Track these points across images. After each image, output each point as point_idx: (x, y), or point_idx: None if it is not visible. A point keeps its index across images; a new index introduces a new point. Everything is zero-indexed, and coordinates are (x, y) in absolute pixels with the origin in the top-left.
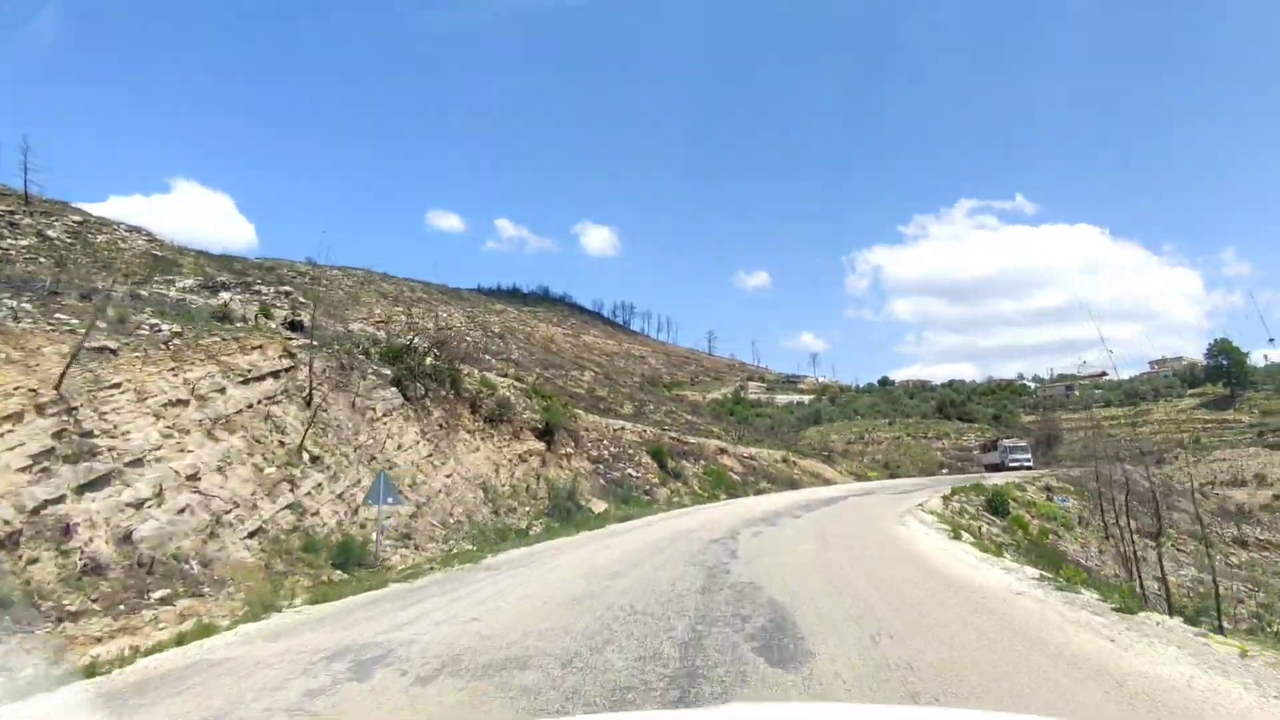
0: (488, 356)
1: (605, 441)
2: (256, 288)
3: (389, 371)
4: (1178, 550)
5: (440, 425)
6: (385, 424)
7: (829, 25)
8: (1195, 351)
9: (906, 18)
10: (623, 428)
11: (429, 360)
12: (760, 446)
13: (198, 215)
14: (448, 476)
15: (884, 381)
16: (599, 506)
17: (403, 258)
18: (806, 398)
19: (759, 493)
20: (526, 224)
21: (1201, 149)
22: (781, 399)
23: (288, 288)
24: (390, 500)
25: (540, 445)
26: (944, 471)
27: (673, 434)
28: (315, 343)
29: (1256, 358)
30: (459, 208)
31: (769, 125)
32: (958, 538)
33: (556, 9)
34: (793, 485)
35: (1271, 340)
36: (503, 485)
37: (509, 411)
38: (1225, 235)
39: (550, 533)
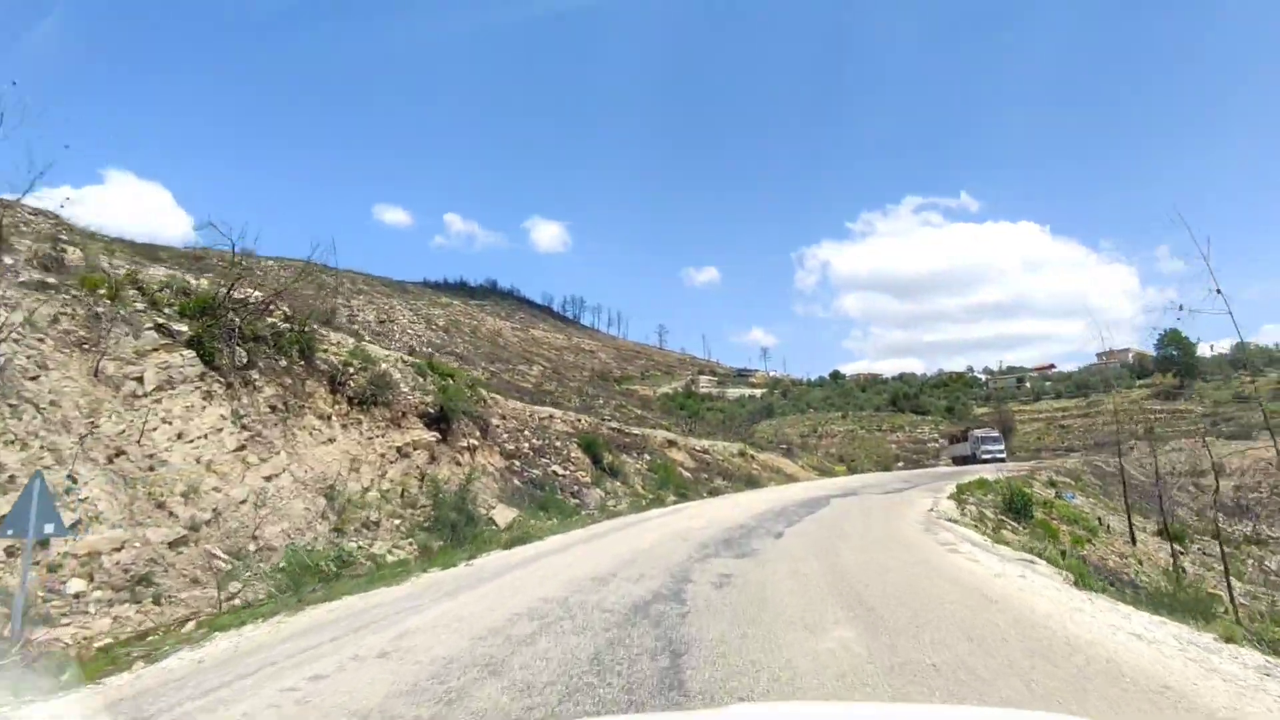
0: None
1: (526, 432)
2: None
3: (184, 329)
4: (1204, 554)
5: (272, 407)
6: (161, 402)
7: (781, 24)
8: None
9: (859, 18)
10: (550, 416)
11: (268, 320)
12: (714, 439)
13: (133, 207)
14: (268, 479)
15: (835, 375)
16: (505, 516)
17: (349, 252)
18: (758, 391)
19: (714, 492)
20: (476, 219)
21: (1137, 149)
22: (733, 393)
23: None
24: (49, 528)
25: (430, 436)
26: (900, 465)
27: (613, 424)
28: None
29: (1202, 349)
30: (407, 202)
31: (719, 122)
32: (1044, 566)
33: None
34: (752, 483)
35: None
36: (363, 490)
37: (388, 391)
38: (1159, 233)
39: (415, 564)
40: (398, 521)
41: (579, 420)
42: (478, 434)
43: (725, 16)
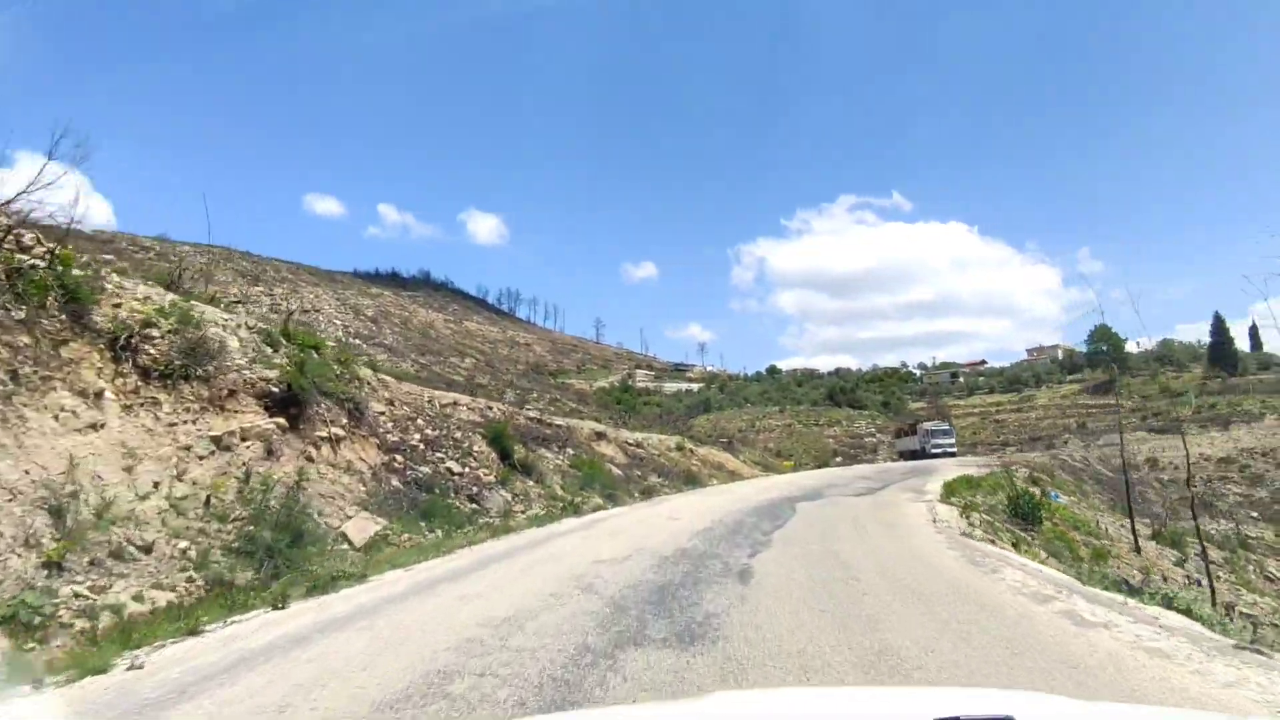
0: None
1: (419, 420)
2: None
3: None
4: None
5: None
6: None
7: (720, 22)
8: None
9: (797, 16)
10: (454, 403)
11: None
12: (650, 432)
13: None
14: None
15: (772, 370)
16: (363, 529)
17: (279, 241)
18: (695, 386)
19: (648, 493)
20: (411, 210)
21: (1062, 153)
22: (670, 387)
23: (109, 255)
24: None
25: (270, 423)
26: (838, 460)
27: (531, 413)
28: None
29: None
30: (339, 192)
31: (658, 119)
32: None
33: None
34: (692, 480)
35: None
36: (138, 498)
37: (209, 362)
38: (1081, 235)
39: (186, 615)
40: (185, 544)
41: (490, 409)
42: (346, 421)
43: (664, 14)
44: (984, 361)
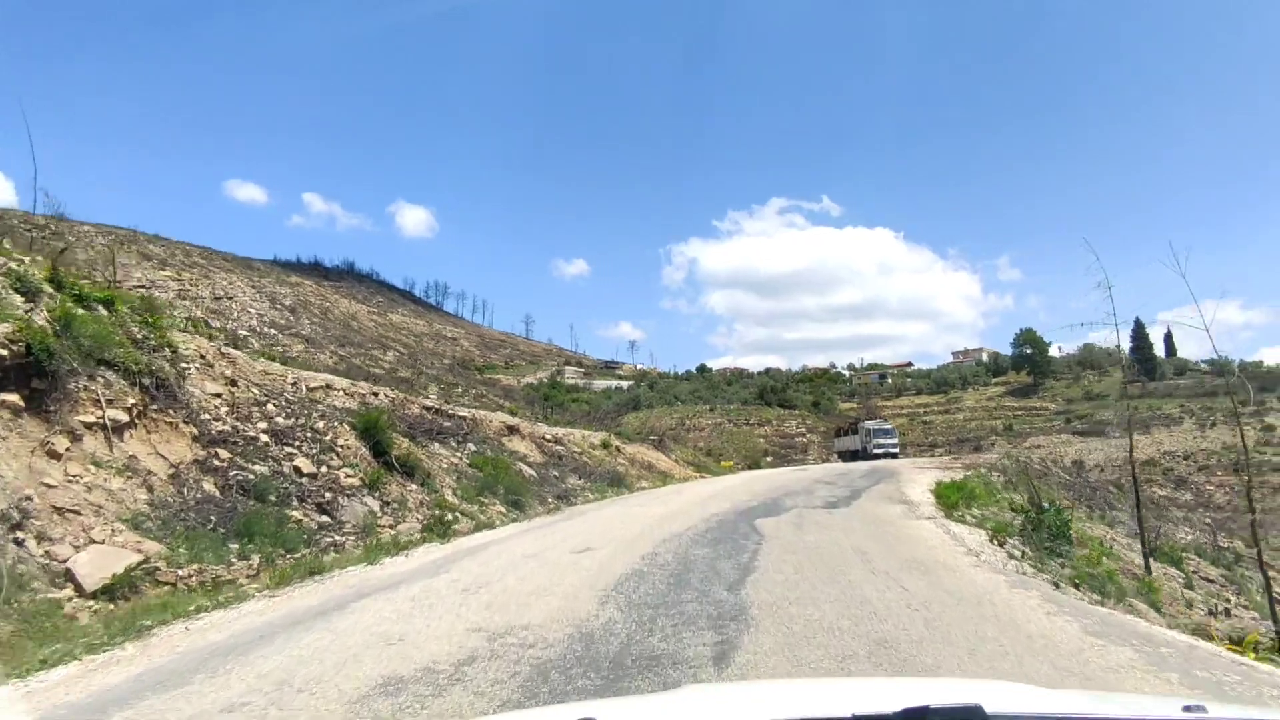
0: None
1: (270, 406)
2: None
3: None
4: (1202, 578)
5: None
6: None
7: (656, 21)
8: (982, 346)
9: (732, 20)
10: (327, 385)
11: None
12: (573, 427)
13: None
14: None
15: (702, 369)
16: (107, 565)
17: (198, 227)
18: (625, 383)
19: (565, 498)
20: (338, 200)
21: (984, 163)
22: (600, 384)
23: None
24: None
25: None
26: (769, 460)
27: (429, 400)
28: None
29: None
30: (261, 178)
31: (591, 117)
32: None
33: None
34: (618, 483)
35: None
36: None
37: None
38: (1000, 243)
39: None
40: None
41: (376, 394)
42: (137, 403)
43: (600, 11)
44: (910, 364)
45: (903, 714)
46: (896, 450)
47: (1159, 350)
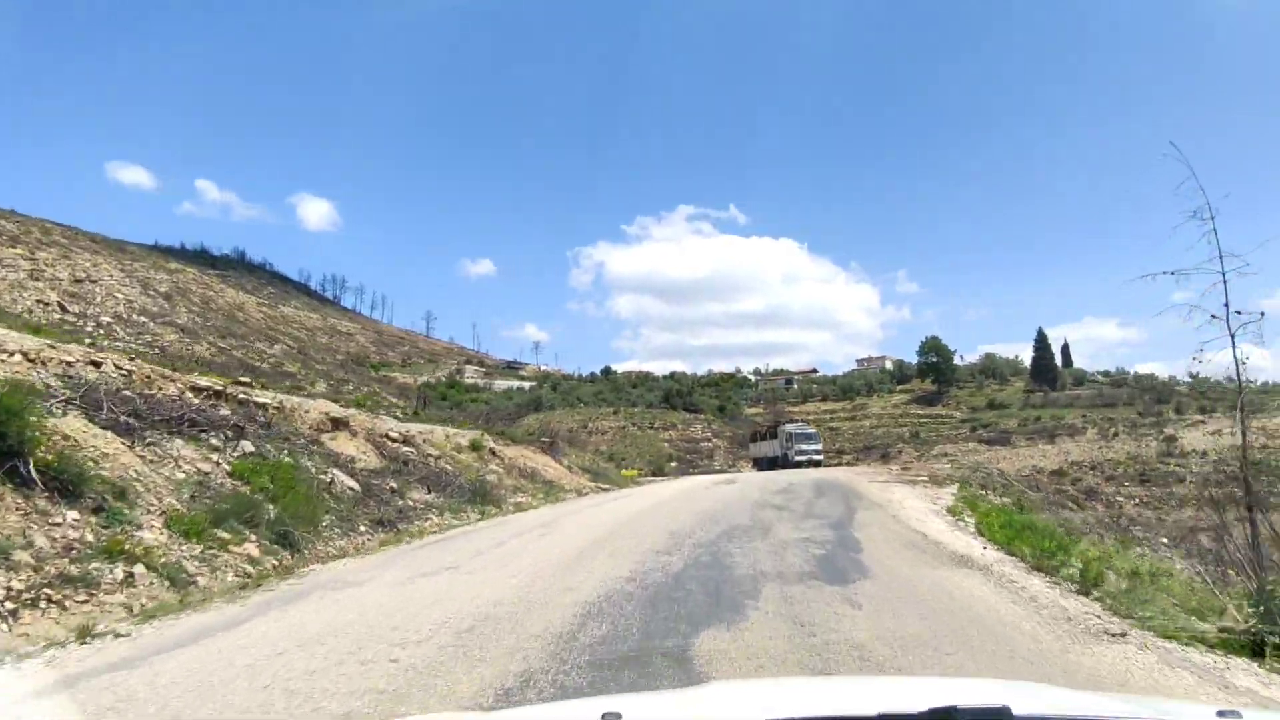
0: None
1: None
2: None
3: None
4: None
5: None
6: None
7: (568, 23)
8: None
9: (643, 28)
10: None
11: None
12: (437, 423)
13: None
14: None
15: (607, 371)
16: None
17: (75, 210)
18: (528, 384)
19: (391, 526)
20: (234, 189)
21: (883, 181)
22: (501, 384)
23: None
24: None
25: None
26: (673, 465)
27: (202, 380)
28: None
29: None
30: (148, 162)
31: (500, 117)
32: None
33: None
34: (483, 497)
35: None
36: None
37: None
38: (899, 258)
39: None
40: None
41: (92, 361)
42: None
43: (508, 13)
44: (815, 370)
45: (929, 714)
46: (820, 457)
47: (1056, 361)
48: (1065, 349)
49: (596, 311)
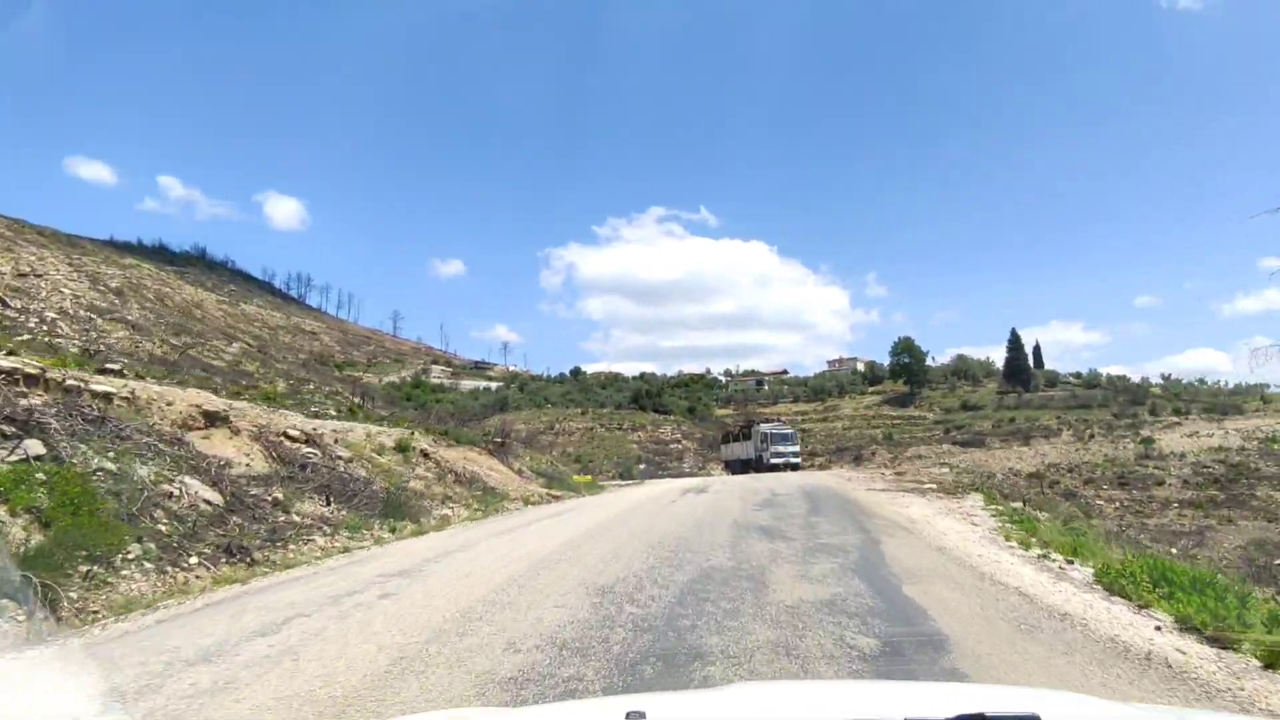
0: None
1: None
2: None
3: None
4: None
5: None
6: None
7: (538, 23)
8: (857, 356)
9: (613, 28)
10: None
11: None
12: (383, 423)
13: None
14: None
15: (575, 372)
16: None
17: (32, 206)
18: (494, 384)
19: (264, 547)
20: (199, 185)
21: (853, 184)
22: (467, 385)
23: None
24: None
25: None
26: (642, 467)
27: (4, 361)
28: None
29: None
30: (110, 158)
31: (472, 116)
32: None
33: None
34: (397, 513)
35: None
36: None
37: None
38: (868, 261)
39: None
40: None
41: None
42: None
43: (479, 14)
44: (785, 371)
45: None
46: (798, 460)
47: (1029, 363)
48: (1037, 350)
49: (567, 313)
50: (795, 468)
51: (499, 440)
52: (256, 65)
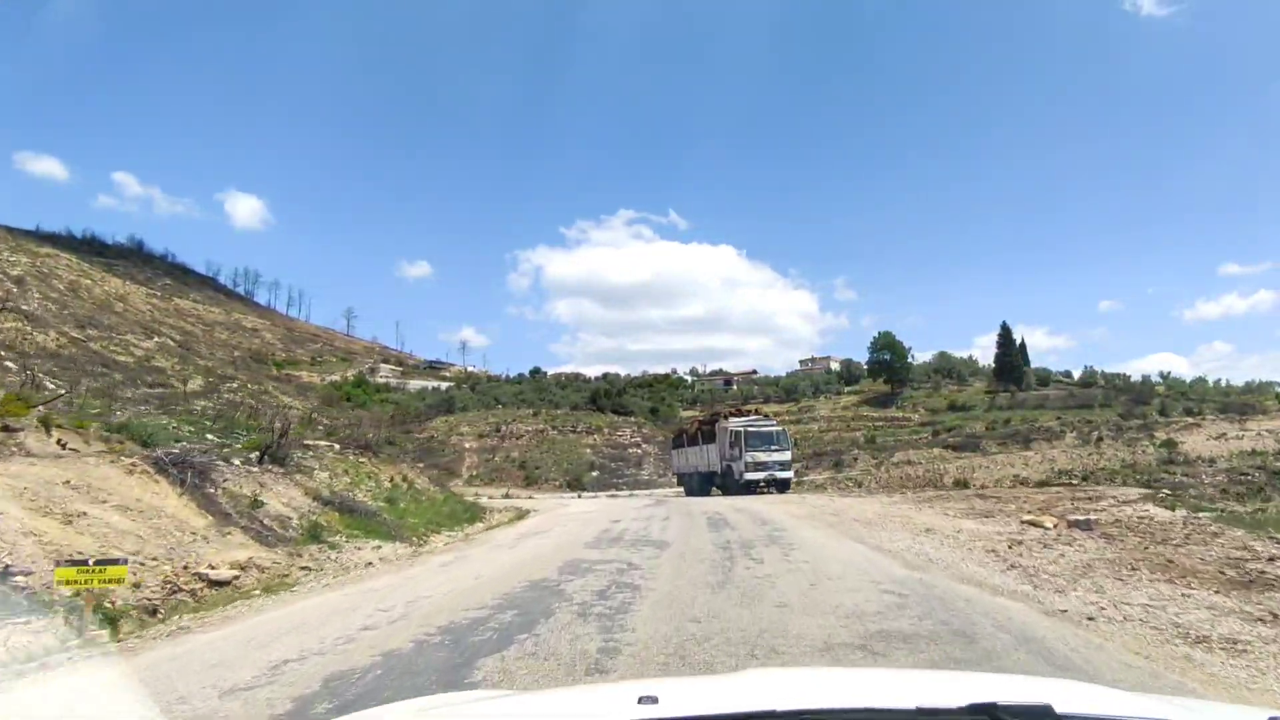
0: None
1: None
2: None
3: None
4: None
5: None
6: None
7: (506, 24)
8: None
9: (580, 30)
10: None
11: None
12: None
13: None
14: None
15: (534, 371)
16: None
17: None
18: (445, 384)
19: None
20: (158, 183)
21: (821, 188)
22: (415, 384)
23: None
24: None
25: None
26: (594, 475)
27: None
28: None
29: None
30: (61, 153)
31: (439, 119)
32: None
33: None
34: None
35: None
36: None
37: None
38: (838, 265)
39: None
40: None
41: None
42: None
43: (442, 15)
44: (754, 371)
45: (969, 709)
46: (788, 475)
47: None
48: (1023, 347)
49: (535, 316)
50: (783, 487)
51: (361, 444)
52: (219, 61)
